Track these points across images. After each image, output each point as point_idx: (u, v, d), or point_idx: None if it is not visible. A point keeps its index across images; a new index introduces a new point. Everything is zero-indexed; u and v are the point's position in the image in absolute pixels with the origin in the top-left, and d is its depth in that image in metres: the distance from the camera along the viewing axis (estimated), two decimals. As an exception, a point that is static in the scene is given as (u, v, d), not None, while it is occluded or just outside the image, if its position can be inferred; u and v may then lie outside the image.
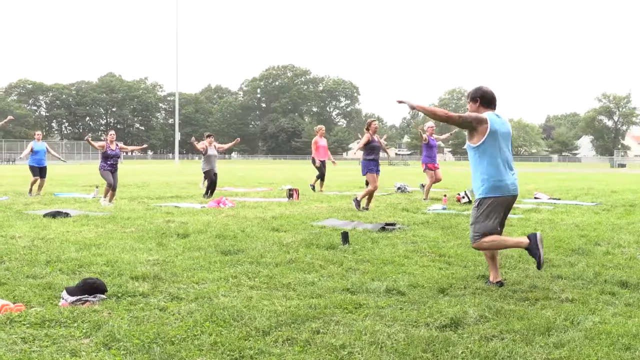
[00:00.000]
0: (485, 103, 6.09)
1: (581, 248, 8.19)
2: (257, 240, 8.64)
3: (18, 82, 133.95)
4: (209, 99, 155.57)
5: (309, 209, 13.20)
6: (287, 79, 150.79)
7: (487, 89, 6.18)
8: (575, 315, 4.97)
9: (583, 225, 10.69)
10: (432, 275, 6.46)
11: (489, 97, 6.11)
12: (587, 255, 7.79)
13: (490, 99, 6.11)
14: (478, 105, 6.09)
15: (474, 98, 6.13)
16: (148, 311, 5.00)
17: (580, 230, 10.06)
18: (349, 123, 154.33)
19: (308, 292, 5.72)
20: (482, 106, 6.08)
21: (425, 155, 16.61)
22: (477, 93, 6.13)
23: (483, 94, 6.12)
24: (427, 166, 16.44)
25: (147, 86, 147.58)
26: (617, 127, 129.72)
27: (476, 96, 6.12)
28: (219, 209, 13.25)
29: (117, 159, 14.86)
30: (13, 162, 71.49)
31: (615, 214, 12.67)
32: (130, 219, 11.05)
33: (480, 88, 6.18)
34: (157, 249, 7.94)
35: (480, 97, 6.10)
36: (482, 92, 6.13)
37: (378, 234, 9.43)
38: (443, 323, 4.73)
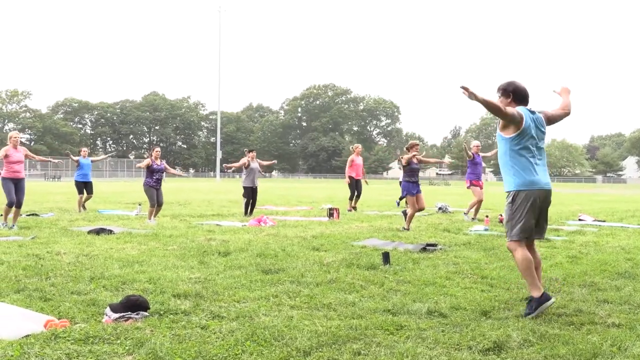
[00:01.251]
0: (518, 99, 5.93)
1: (628, 272, 8.02)
2: (297, 260, 8.64)
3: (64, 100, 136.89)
4: (250, 118, 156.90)
5: (350, 229, 13.18)
6: (327, 98, 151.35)
7: (520, 84, 5.99)
8: (622, 340, 4.85)
9: (629, 248, 10.48)
10: (474, 298, 6.38)
11: (522, 93, 5.95)
12: (634, 279, 7.62)
13: (524, 96, 5.95)
14: (510, 100, 5.93)
15: (506, 92, 5.95)
16: (190, 329, 5.03)
17: (627, 253, 9.85)
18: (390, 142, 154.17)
19: (349, 312, 5.70)
20: (515, 102, 5.92)
21: (470, 172, 16.53)
22: (509, 87, 5.96)
23: (515, 89, 5.94)
24: (471, 182, 16.35)
25: (189, 105, 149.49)
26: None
27: (508, 90, 5.94)
28: (260, 227, 13.30)
29: (161, 174, 15.05)
30: (59, 179, 72.82)
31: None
32: (172, 237, 11.16)
33: (513, 82, 6.00)
34: (198, 267, 7.99)
35: (512, 91, 5.92)
36: (514, 86, 5.95)
37: (419, 254, 9.37)
38: (486, 347, 4.66)
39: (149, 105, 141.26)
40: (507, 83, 6.00)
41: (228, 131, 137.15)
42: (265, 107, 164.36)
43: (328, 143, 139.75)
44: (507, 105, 5.88)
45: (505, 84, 6.00)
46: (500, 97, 5.98)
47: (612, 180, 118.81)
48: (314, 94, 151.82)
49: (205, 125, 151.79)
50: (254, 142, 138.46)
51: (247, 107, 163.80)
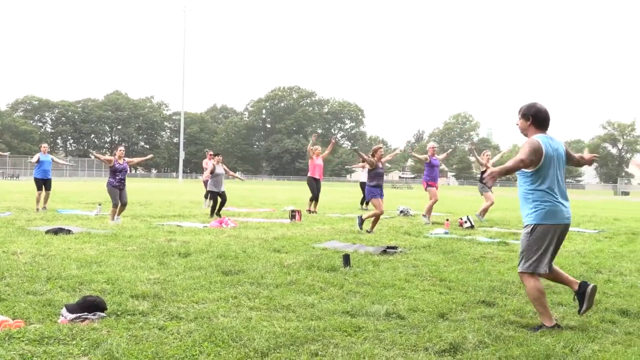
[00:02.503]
0: (538, 123, 5.62)
1: (582, 275, 8.18)
2: (258, 261, 8.64)
3: (24, 98, 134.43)
4: (214, 119, 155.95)
5: (311, 231, 13.20)
6: (292, 100, 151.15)
7: (542, 106, 5.70)
8: (574, 343, 4.96)
9: (585, 252, 10.67)
10: (432, 300, 6.45)
11: (543, 116, 5.63)
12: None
13: (544, 119, 5.64)
14: (529, 124, 5.64)
15: (525, 115, 5.66)
16: (147, 330, 5.00)
17: (582, 257, 10.04)
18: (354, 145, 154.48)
19: (308, 314, 5.72)
20: (534, 126, 5.63)
21: (427, 174, 16.80)
22: (530, 110, 5.66)
23: (537, 112, 5.64)
24: (428, 184, 16.63)
25: (152, 105, 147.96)
26: (622, 154, 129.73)
27: (528, 114, 5.65)
28: (221, 229, 13.26)
29: (125, 174, 14.90)
30: (17, 177, 71.61)
31: (618, 242, 12.64)
32: (132, 237, 11.06)
33: (534, 105, 5.70)
34: (158, 268, 7.94)
35: (533, 115, 5.63)
36: (535, 109, 5.65)
37: (379, 257, 9.43)
38: (442, 348, 4.72)
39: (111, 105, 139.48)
40: (528, 106, 5.72)
41: (191, 132, 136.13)
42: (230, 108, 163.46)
43: (292, 145, 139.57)
44: (525, 128, 5.67)
45: (526, 106, 5.72)
46: (520, 120, 5.72)
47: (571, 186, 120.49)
48: (279, 95, 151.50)
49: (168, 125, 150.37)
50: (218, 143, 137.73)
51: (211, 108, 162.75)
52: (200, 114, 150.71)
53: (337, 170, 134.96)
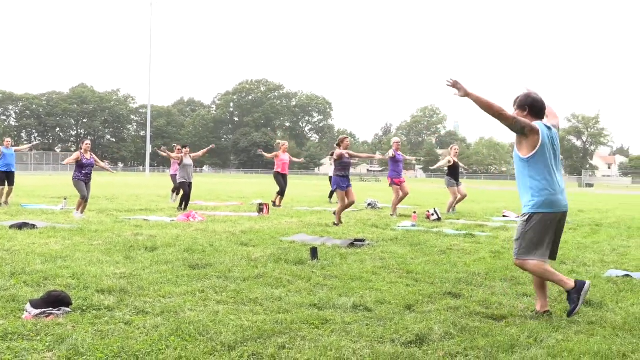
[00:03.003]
0: (535, 112, 5.65)
1: (547, 266, 8.28)
2: (225, 255, 8.61)
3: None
4: (181, 112, 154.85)
5: (279, 224, 13.20)
6: (260, 94, 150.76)
7: (537, 96, 5.74)
8: (539, 332, 5.03)
9: (550, 243, 10.79)
10: (399, 292, 6.49)
11: (539, 106, 5.68)
12: (553, 273, 7.86)
13: (540, 108, 5.69)
14: (527, 114, 5.65)
15: (522, 106, 5.69)
16: (113, 325, 4.96)
17: (547, 248, 10.15)
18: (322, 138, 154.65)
19: (275, 307, 5.72)
20: (531, 115, 5.64)
21: (392, 170, 16.79)
22: (526, 100, 5.69)
23: (533, 102, 5.67)
24: (392, 181, 16.62)
25: (119, 98, 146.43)
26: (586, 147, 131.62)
27: (525, 104, 5.67)
28: (189, 222, 13.19)
29: (91, 169, 14.73)
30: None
31: (582, 233, 12.83)
32: (98, 232, 10.95)
33: (530, 95, 5.73)
34: (124, 262, 7.87)
35: (530, 105, 5.66)
36: (532, 100, 5.68)
37: (347, 250, 9.46)
38: (408, 339, 4.75)
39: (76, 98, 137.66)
40: (525, 95, 5.75)
41: (158, 125, 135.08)
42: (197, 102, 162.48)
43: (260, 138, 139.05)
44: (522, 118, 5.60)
45: (523, 96, 5.75)
46: (517, 110, 5.72)
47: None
48: (247, 89, 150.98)
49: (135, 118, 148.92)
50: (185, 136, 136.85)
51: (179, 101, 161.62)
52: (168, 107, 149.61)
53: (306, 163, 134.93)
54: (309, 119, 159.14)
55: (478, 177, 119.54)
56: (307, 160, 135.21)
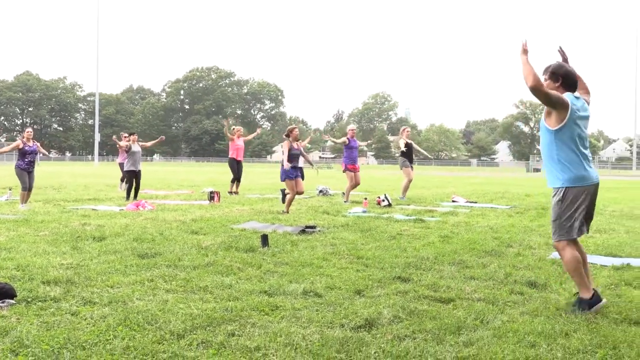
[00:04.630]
0: (567, 85, 5.39)
1: (494, 250, 8.43)
2: (175, 243, 8.54)
3: None
4: (130, 100, 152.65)
5: (230, 212, 13.14)
6: (211, 81, 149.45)
7: (571, 68, 5.47)
8: (485, 314, 5.12)
9: (497, 227, 11.00)
10: (349, 277, 6.53)
11: (572, 79, 5.42)
12: (500, 256, 8.02)
13: (573, 82, 5.42)
14: (559, 85, 5.38)
15: (554, 75, 5.40)
16: (59, 316, 4.89)
17: (494, 232, 10.34)
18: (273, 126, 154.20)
19: (225, 294, 5.70)
20: (563, 87, 5.37)
21: (346, 157, 16.81)
22: (559, 70, 5.41)
23: (566, 73, 5.40)
24: (347, 167, 16.65)
25: (65, 86, 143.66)
26: (533, 132, 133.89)
27: (558, 74, 5.39)
28: (138, 211, 13.04)
29: (34, 156, 14.41)
30: None
31: (528, 217, 13.08)
32: (45, 222, 10.75)
33: (564, 66, 5.47)
34: (71, 253, 7.75)
35: (562, 76, 5.38)
36: (565, 70, 5.40)
37: (298, 236, 9.47)
38: (358, 324, 4.79)
39: (21, 86, 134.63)
40: (558, 65, 5.49)
41: (107, 113, 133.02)
42: (147, 89, 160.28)
43: (211, 126, 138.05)
44: (553, 89, 5.34)
45: (556, 65, 5.48)
46: (547, 80, 5.43)
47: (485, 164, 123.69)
48: (197, 76, 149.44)
49: (82, 107, 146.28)
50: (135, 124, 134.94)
51: (127, 89, 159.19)
52: (116, 95, 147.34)
53: (257, 151, 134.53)
54: (261, 107, 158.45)
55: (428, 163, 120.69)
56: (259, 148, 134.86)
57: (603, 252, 8.44)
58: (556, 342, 4.43)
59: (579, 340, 4.46)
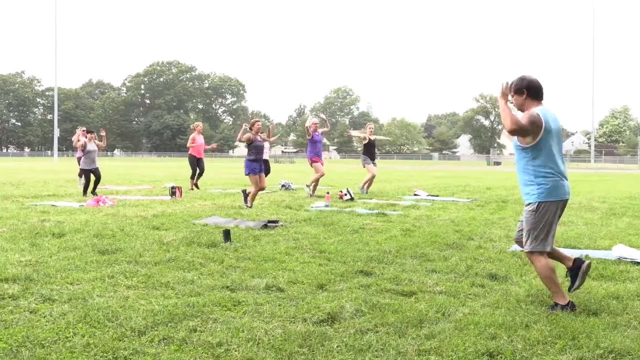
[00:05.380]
0: (533, 95, 5.35)
1: (455, 243, 8.52)
2: (136, 239, 8.46)
3: None
4: (90, 95, 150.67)
5: (192, 207, 13.06)
6: (171, 75, 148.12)
7: (533, 78, 5.45)
8: (446, 307, 5.17)
9: (458, 220, 11.10)
10: (311, 272, 6.53)
11: (537, 87, 5.38)
12: (461, 249, 8.10)
13: (538, 90, 5.38)
14: (525, 97, 5.36)
15: (519, 89, 5.38)
16: (17, 314, 4.81)
17: (456, 225, 10.44)
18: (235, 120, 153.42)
19: (187, 290, 5.67)
20: (530, 98, 5.35)
21: (310, 150, 16.84)
22: (522, 83, 5.39)
23: (530, 83, 5.37)
24: (312, 160, 16.68)
25: (23, 80, 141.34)
26: (494, 126, 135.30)
27: (522, 87, 5.37)
28: (98, 207, 12.88)
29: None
30: None
31: (489, 210, 13.23)
32: (2, 219, 10.57)
33: (525, 78, 5.43)
34: (30, 249, 7.63)
35: (526, 88, 5.36)
36: (528, 82, 5.39)
37: (260, 231, 9.45)
38: (320, 318, 4.80)
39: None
40: (520, 79, 5.46)
41: (66, 108, 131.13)
42: (106, 84, 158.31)
43: (172, 121, 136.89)
44: (521, 103, 5.39)
45: (518, 80, 5.45)
46: (514, 96, 5.42)
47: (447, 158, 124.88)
48: (158, 70, 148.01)
49: (41, 101, 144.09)
50: (95, 119, 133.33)
51: (87, 84, 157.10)
52: (75, 90, 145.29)
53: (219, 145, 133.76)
54: (222, 101, 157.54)
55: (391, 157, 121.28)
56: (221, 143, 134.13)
57: (562, 244, 8.57)
58: (517, 334, 4.49)
59: (539, 332, 4.53)
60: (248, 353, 4.06)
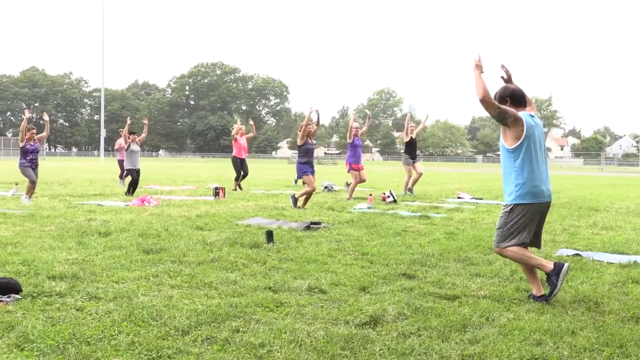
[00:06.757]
0: (516, 102, 5.64)
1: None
2: (180, 239, 8.54)
3: None
4: (135, 95, 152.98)
5: (235, 208, 13.14)
6: (216, 77, 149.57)
7: (515, 86, 5.79)
8: (490, 312, 5.10)
9: (503, 224, 10.94)
10: (354, 274, 6.52)
11: (519, 95, 5.69)
12: (505, 253, 7.98)
13: (521, 97, 5.69)
14: (508, 105, 5.61)
15: (503, 98, 5.65)
16: (64, 311, 4.89)
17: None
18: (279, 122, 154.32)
19: (230, 290, 5.70)
20: (513, 106, 5.61)
21: (350, 156, 16.72)
22: (505, 92, 5.69)
23: (512, 92, 5.69)
24: (351, 166, 16.54)
25: (71, 81, 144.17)
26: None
27: (505, 95, 5.66)
28: (143, 207, 13.05)
29: (36, 154, 14.48)
30: None
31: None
32: (50, 217, 10.77)
33: (508, 87, 5.77)
34: (76, 248, 7.76)
35: (509, 96, 5.65)
36: (510, 90, 5.71)
37: (303, 232, 9.46)
38: (362, 321, 4.78)
39: (27, 81, 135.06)
40: (502, 88, 5.77)
41: (112, 109, 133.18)
42: (152, 85, 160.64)
43: (216, 122, 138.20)
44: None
45: (501, 89, 5.75)
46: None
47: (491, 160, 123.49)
48: (202, 72, 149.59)
49: (88, 102, 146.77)
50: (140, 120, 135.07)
51: (133, 85, 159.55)
52: (122, 91, 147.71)
53: (262, 147, 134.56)
54: (266, 102, 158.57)
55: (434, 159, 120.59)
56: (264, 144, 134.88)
57: (610, 249, 8.42)
58: (562, 340, 4.41)
59: (585, 339, 4.44)
60: (290, 354, 4.06)
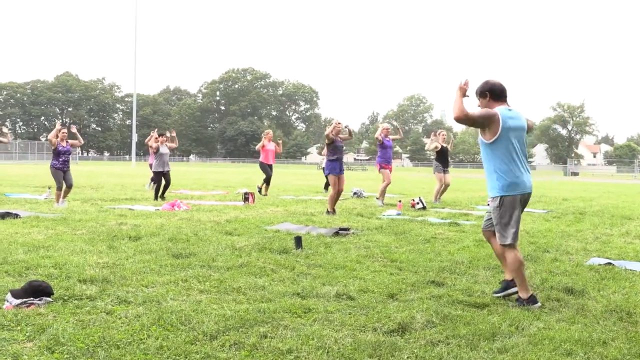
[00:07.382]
0: (495, 97, 5.81)
1: (530, 255, 8.32)
2: (209, 244, 8.58)
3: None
4: (167, 101, 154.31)
5: (264, 213, 13.18)
6: (246, 82, 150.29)
7: (495, 81, 5.90)
8: (520, 321, 5.05)
9: (533, 232, 10.86)
10: (382, 281, 6.50)
11: (498, 89, 5.83)
12: (536, 261, 7.91)
13: (500, 92, 5.83)
14: (488, 99, 5.81)
15: (482, 93, 5.84)
16: (94, 314, 4.93)
17: (531, 237, 10.21)
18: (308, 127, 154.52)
19: (258, 296, 5.71)
20: (492, 100, 5.80)
21: (380, 156, 16.71)
22: (485, 87, 5.85)
23: (492, 87, 5.83)
24: (381, 166, 16.51)
25: (104, 86, 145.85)
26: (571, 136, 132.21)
27: (484, 91, 5.83)
28: (173, 212, 13.14)
29: (68, 156, 14.64)
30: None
31: (565, 222, 12.89)
32: (82, 221, 10.89)
33: (488, 82, 5.89)
34: (107, 252, 7.83)
35: (489, 91, 5.81)
36: (490, 85, 5.85)
37: (331, 238, 9.45)
38: (391, 328, 4.76)
39: (61, 86, 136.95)
40: (483, 84, 5.90)
41: (144, 114, 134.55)
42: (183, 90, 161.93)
43: (247, 127, 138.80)
44: (485, 106, 5.81)
45: (481, 85, 5.90)
46: (479, 99, 5.89)
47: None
48: (233, 77, 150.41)
49: (120, 107, 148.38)
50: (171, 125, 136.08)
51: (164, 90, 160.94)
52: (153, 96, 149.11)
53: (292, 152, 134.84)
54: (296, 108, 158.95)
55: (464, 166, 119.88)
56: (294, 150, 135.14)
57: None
58: (593, 351, 4.35)
59: (617, 349, 4.38)
60: (318, 361, 4.06)
